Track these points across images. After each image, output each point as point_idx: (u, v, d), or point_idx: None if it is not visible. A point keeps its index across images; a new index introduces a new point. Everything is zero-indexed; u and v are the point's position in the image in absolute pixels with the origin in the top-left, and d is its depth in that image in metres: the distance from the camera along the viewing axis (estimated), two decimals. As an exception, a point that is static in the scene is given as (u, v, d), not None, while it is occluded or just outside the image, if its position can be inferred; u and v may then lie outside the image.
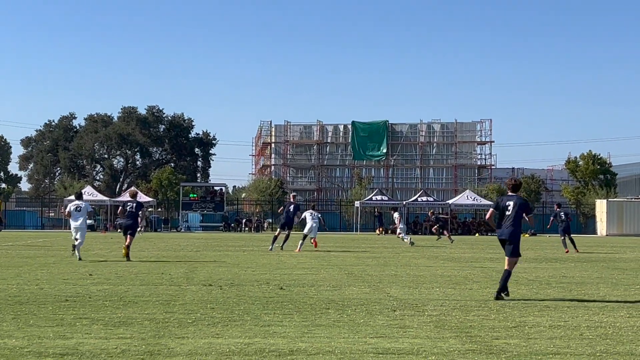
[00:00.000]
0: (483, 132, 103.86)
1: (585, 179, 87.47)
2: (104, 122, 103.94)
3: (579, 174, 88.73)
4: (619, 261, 28.98)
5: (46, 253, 30.89)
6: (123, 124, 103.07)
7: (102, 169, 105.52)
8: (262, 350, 9.34)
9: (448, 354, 9.25)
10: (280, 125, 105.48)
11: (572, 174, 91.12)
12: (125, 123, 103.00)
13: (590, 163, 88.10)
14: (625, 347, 9.86)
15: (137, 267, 23.02)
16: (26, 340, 9.90)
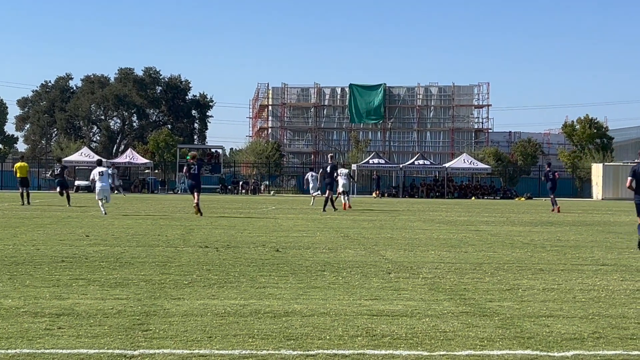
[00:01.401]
0: (480, 96, 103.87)
1: (582, 143, 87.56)
2: (101, 83, 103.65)
3: (575, 138, 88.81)
4: (614, 225, 29.06)
5: (42, 214, 30.92)
6: (120, 85, 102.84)
7: (99, 130, 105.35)
8: (258, 312, 9.38)
9: (442, 316, 9.30)
10: (278, 88, 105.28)
11: (568, 138, 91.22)
12: (122, 84, 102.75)
13: (587, 127, 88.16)
14: (618, 310, 9.93)
15: (134, 229, 23.06)
16: (22, 301, 9.95)
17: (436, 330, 8.45)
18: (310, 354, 7.29)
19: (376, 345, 7.70)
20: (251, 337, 7.97)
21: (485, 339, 8.09)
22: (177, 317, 8.95)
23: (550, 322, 9.03)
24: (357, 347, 7.64)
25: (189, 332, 8.14)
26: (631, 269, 14.46)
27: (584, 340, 8.09)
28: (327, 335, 8.11)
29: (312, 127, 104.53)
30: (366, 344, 7.77)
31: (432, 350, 7.52)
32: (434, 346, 7.71)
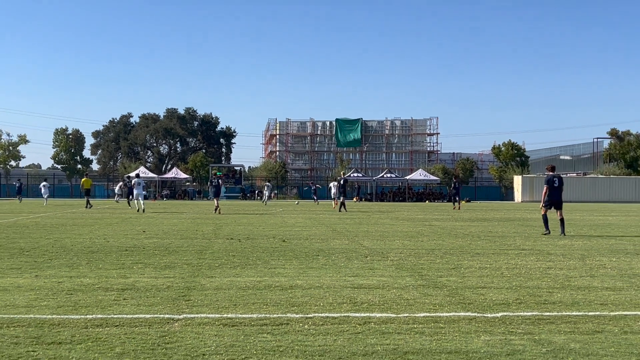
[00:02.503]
0: (431, 127, 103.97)
1: (506, 160, 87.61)
2: (153, 119, 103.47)
3: (501, 157, 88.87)
4: (530, 220, 29.08)
5: (111, 216, 30.87)
6: (167, 120, 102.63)
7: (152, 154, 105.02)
8: (270, 286, 9.40)
9: (405, 288, 9.32)
10: (283, 122, 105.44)
11: (496, 157, 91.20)
12: (169, 120, 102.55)
13: (509, 149, 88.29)
14: (534, 282, 9.95)
15: (178, 226, 23.04)
16: (96, 279, 9.95)
17: (401, 298, 8.46)
18: (308, 317, 7.29)
19: (357, 310, 7.71)
20: (265, 305, 7.98)
21: (437, 304, 8.10)
22: (210, 291, 8.96)
23: (485, 291, 9.06)
24: (343, 311, 7.65)
25: (219, 301, 8.15)
26: (543, 253, 14.49)
27: (510, 304, 8.11)
28: (321, 303, 8.12)
29: (308, 150, 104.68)
30: (350, 309, 7.79)
31: (398, 313, 7.53)
32: (399, 310, 7.72)
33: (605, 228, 23.79)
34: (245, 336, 6.39)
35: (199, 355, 5.70)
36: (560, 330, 6.75)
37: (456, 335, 6.48)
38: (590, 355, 5.79)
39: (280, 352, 5.81)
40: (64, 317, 7.21)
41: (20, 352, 5.78)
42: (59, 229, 21.36)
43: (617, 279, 10.45)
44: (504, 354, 5.80)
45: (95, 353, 5.76)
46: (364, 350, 5.91)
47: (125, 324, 6.88)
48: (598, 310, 7.77)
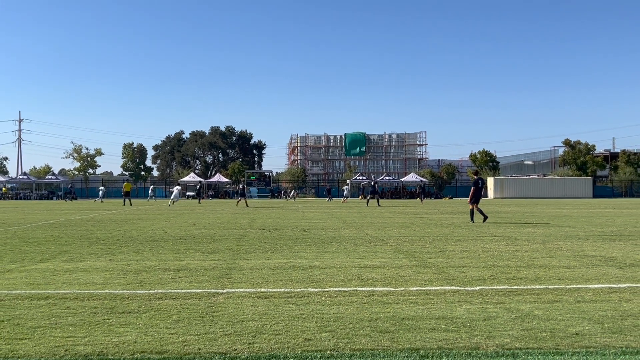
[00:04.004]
0: (421, 138, 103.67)
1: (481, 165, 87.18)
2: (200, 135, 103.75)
3: (477, 162, 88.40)
4: (500, 213, 28.91)
5: (168, 212, 31.00)
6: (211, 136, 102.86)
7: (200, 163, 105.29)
8: (294, 266, 9.39)
9: (401, 267, 9.29)
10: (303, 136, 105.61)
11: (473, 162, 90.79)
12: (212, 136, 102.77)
13: (484, 156, 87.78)
14: (504, 262, 9.89)
15: (221, 220, 23.09)
16: (157, 262, 9.99)
17: (398, 276, 8.43)
18: (325, 290, 7.28)
19: (364, 285, 7.69)
20: (290, 281, 7.98)
21: (427, 280, 8.07)
22: (247, 270, 8.97)
23: (465, 270, 9.01)
24: (352, 286, 7.63)
25: (254, 279, 8.15)
26: (512, 238, 14.40)
27: (485, 280, 8.06)
28: (335, 279, 8.11)
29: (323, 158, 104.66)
30: (357, 284, 7.77)
31: (396, 287, 7.51)
32: (397, 284, 7.70)
33: (561, 219, 23.60)
34: (275, 306, 6.39)
35: (238, 321, 5.71)
36: (526, 300, 6.70)
37: (443, 305, 6.44)
38: (550, 320, 5.74)
39: (303, 319, 5.81)
40: (132, 292, 7.24)
41: (98, 319, 5.82)
42: (127, 222, 21.47)
43: (571, 259, 10.37)
44: (481, 319, 5.77)
45: (157, 320, 5.78)
46: (369, 317, 5.89)
47: (180, 297, 6.90)
48: (556, 284, 7.71)
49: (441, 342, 4.99)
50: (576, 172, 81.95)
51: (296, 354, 4.68)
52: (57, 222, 21.52)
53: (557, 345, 4.90)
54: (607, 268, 9.18)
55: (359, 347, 4.83)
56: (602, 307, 6.29)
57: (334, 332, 5.31)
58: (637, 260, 10.07)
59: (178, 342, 4.99)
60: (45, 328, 5.49)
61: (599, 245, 12.59)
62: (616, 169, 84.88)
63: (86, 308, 6.33)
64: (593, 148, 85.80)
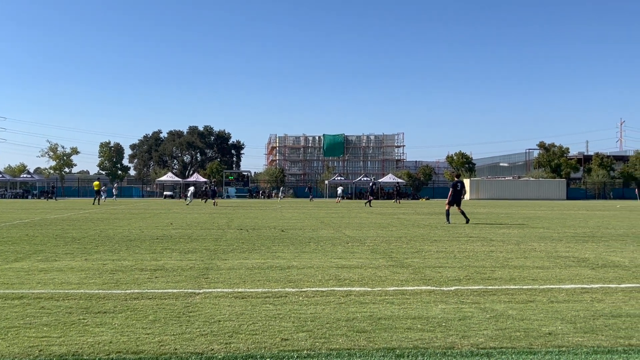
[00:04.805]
0: (399, 140, 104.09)
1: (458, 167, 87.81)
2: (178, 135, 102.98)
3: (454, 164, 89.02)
4: (476, 214, 29.17)
5: (145, 212, 30.74)
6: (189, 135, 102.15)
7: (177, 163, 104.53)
8: (271, 266, 9.37)
9: (378, 267, 9.32)
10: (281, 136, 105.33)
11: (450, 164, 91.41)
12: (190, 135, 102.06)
13: (460, 158, 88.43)
14: (480, 263, 9.98)
15: (198, 219, 22.96)
16: (134, 261, 9.90)
17: (375, 276, 8.46)
18: (302, 290, 7.28)
19: (341, 285, 7.71)
20: (268, 281, 7.96)
21: (403, 280, 8.11)
22: (224, 270, 8.93)
23: (441, 270, 9.07)
24: (330, 286, 7.64)
25: (231, 279, 8.12)
26: (487, 239, 14.54)
27: (461, 280, 8.13)
28: (312, 279, 8.11)
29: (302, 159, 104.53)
30: (335, 284, 7.78)
31: (373, 287, 7.53)
32: (374, 284, 7.72)
33: (535, 220, 23.89)
34: (252, 306, 6.37)
35: (215, 321, 5.68)
36: (500, 300, 6.77)
37: (419, 305, 6.48)
38: (524, 320, 5.81)
39: (280, 319, 5.80)
40: (108, 291, 7.17)
41: (73, 319, 5.75)
42: (103, 222, 21.24)
43: (545, 259, 10.50)
44: (456, 319, 5.81)
45: (133, 320, 5.73)
46: (346, 316, 5.91)
47: (156, 297, 6.84)
48: (530, 285, 7.80)
49: (417, 341, 5.02)
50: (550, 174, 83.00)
51: (273, 354, 4.67)
52: (32, 221, 21.21)
53: (530, 345, 4.95)
54: (580, 269, 9.31)
55: (335, 347, 4.84)
56: (575, 307, 6.38)
57: (310, 332, 5.30)
58: (609, 261, 10.23)
59: (154, 342, 4.95)
60: (19, 328, 5.41)
61: (572, 247, 12.76)
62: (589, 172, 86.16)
63: (61, 308, 6.24)
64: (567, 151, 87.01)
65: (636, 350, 4.82)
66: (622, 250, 12.13)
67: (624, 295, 7.10)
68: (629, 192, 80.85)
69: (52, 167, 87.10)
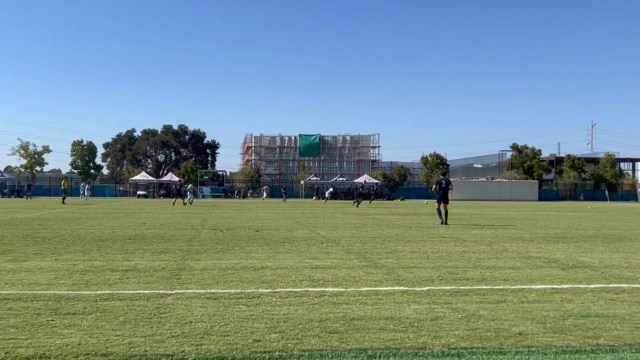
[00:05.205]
0: (374, 141, 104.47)
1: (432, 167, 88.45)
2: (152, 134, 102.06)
3: (428, 165, 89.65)
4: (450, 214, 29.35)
5: (117, 211, 30.39)
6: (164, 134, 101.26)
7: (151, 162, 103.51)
8: (245, 267, 9.32)
9: (352, 268, 9.33)
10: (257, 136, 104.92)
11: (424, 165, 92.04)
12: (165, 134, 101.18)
13: (434, 158, 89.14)
14: (452, 263, 10.04)
15: (172, 219, 22.77)
16: (105, 262, 9.77)
17: (349, 276, 8.46)
18: (276, 291, 7.25)
19: (314, 285, 7.70)
20: (241, 282, 7.91)
21: (377, 280, 8.13)
22: (197, 271, 8.85)
23: (414, 270, 9.11)
24: (303, 286, 7.62)
25: (204, 279, 8.06)
26: (460, 239, 14.66)
27: (433, 280, 8.17)
28: (286, 280, 8.08)
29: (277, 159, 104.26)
30: (309, 284, 7.76)
31: (347, 287, 7.53)
32: (348, 285, 7.73)
33: (507, 220, 24.17)
34: (224, 307, 6.32)
35: (187, 322, 5.62)
36: (472, 300, 6.82)
37: (392, 305, 6.50)
38: (495, 320, 5.86)
39: (252, 319, 5.77)
40: (78, 292, 7.06)
41: (41, 321, 5.64)
42: (74, 221, 20.94)
43: (516, 260, 10.62)
44: (428, 319, 5.84)
45: (103, 321, 5.64)
46: (319, 317, 5.89)
47: (127, 298, 6.76)
48: (502, 285, 7.87)
49: (389, 342, 5.02)
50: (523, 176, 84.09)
51: (244, 355, 4.64)
52: (1, 221, 20.82)
53: (500, 345, 4.99)
54: (551, 269, 9.43)
55: (307, 348, 4.82)
56: (545, 307, 6.45)
57: (283, 332, 5.28)
58: (579, 262, 10.38)
59: (124, 344, 4.88)
60: (-15, 330, 5.30)
61: (543, 247, 12.92)
62: (561, 173, 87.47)
63: (29, 309, 6.13)
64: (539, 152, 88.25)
65: (604, 350, 4.89)
66: (592, 251, 12.33)
67: (593, 295, 7.20)
68: (599, 194, 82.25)
69: (23, 165, 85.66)
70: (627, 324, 5.77)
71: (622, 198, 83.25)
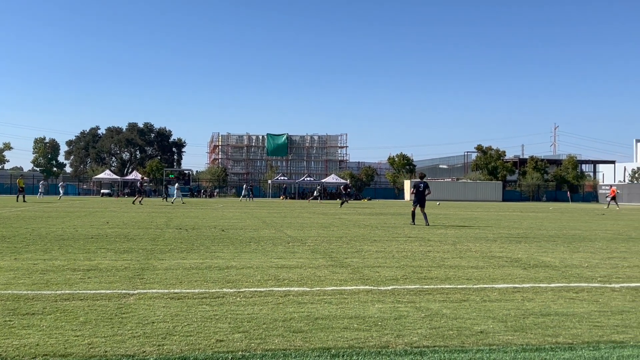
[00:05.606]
0: (342, 141, 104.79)
1: (399, 168, 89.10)
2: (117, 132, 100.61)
3: (395, 166, 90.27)
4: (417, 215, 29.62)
5: (80, 210, 29.86)
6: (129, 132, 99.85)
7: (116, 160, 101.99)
8: (210, 267, 9.25)
9: (318, 267, 9.34)
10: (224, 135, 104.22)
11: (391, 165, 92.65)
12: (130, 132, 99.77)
13: (401, 159, 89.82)
14: (417, 262, 10.13)
15: (136, 218, 22.48)
16: (66, 261, 9.59)
17: (315, 276, 8.47)
18: (240, 291, 7.21)
19: (280, 285, 7.68)
20: (205, 282, 7.85)
21: (342, 280, 8.15)
22: (160, 271, 8.75)
23: (379, 270, 9.16)
24: (268, 286, 7.60)
25: (168, 279, 7.97)
26: (425, 239, 14.80)
27: (398, 279, 8.23)
28: (251, 280, 8.05)
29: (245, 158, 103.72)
30: (274, 284, 7.74)
31: (312, 287, 7.53)
32: (313, 285, 7.73)
33: (472, 221, 24.49)
34: (188, 307, 6.26)
35: (149, 323, 5.55)
36: (435, 299, 6.88)
37: (356, 304, 6.52)
38: (457, 319, 5.92)
39: (216, 319, 5.72)
40: (37, 292, 6.91)
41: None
42: (35, 220, 20.51)
43: (479, 259, 10.76)
44: (392, 318, 5.87)
45: (63, 322, 5.53)
46: (283, 317, 5.88)
47: (88, 298, 6.64)
48: (465, 284, 7.97)
49: (352, 341, 5.04)
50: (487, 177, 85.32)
51: (207, 355, 4.59)
52: (-42, 219, 20.26)
53: (462, 343, 5.05)
54: (512, 269, 9.58)
55: (271, 348, 4.80)
56: (506, 306, 6.55)
57: (247, 332, 5.25)
58: (540, 262, 10.57)
59: (83, 345, 4.80)
60: (-62, 331, 5.14)
61: (505, 247, 13.13)
62: (524, 174, 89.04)
63: (-15, 310, 5.97)
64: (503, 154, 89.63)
65: (562, 348, 4.98)
66: (553, 250, 12.57)
67: (554, 294, 7.34)
68: (561, 195, 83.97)
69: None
70: (586, 322, 5.89)
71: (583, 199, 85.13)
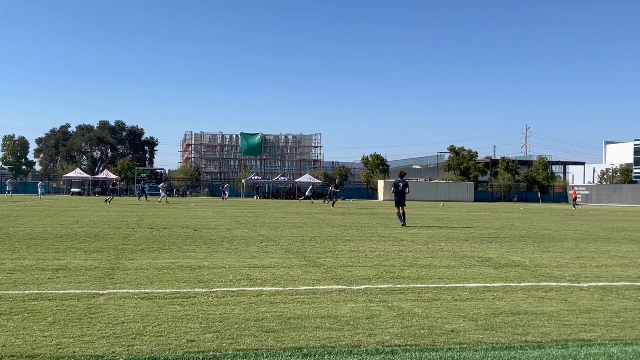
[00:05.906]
0: (316, 140, 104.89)
1: (372, 168, 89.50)
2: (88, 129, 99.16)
3: (369, 166, 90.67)
4: (388, 214, 29.77)
5: (50, 208, 29.36)
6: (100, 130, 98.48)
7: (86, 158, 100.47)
8: (182, 266, 9.18)
9: (291, 267, 9.32)
10: (197, 134, 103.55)
11: (365, 165, 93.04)
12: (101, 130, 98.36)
13: (375, 159, 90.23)
14: (390, 262, 10.17)
15: (107, 217, 22.19)
16: (34, 261, 9.42)
17: (287, 275, 8.45)
18: (212, 291, 7.17)
19: (252, 285, 7.65)
20: (177, 281, 7.78)
21: (315, 279, 8.14)
22: (131, 270, 8.65)
23: (352, 269, 9.18)
24: (241, 286, 7.56)
25: (138, 279, 7.88)
26: (398, 239, 14.87)
27: (370, 279, 8.26)
28: (223, 280, 8.00)
29: (218, 157, 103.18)
30: (246, 284, 7.71)
31: (284, 287, 7.52)
32: (286, 284, 7.71)
33: (444, 220, 24.70)
34: (158, 307, 6.20)
35: (118, 323, 5.48)
36: (407, 298, 6.92)
37: (329, 304, 6.52)
38: (429, 317, 5.96)
39: (187, 319, 5.67)
40: (4, 292, 6.77)
41: (-38, 323, 5.38)
42: (3, 219, 20.11)
43: (451, 259, 10.86)
44: (364, 317, 5.89)
45: (30, 322, 5.43)
46: (255, 316, 5.86)
47: (57, 298, 6.53)
48: (436, 283, 8.03)
49: (324, 340, 5.04)
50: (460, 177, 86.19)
51: (177, 355, 4.55)
52: None
53: (433, 342, 5.08)
54: (483, 268, 9.69)
55: (242, 347, 4.78)
56: (477, 305, 6.62)
57: (218, 332, 5.22)
58: (510, 261, 10.71)
59: (52, 345, 4.71)
60: None
61: (477, 247, 13.27)
62: (496, 175, 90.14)
63: (-50, 310, 5.83)
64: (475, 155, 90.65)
65: (532, 346, 5.05)
66: (523, 250, 12.74)
67: (523, 293, 7.44)
68: (531, 195, 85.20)
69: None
70: (555, 321, 5.98)
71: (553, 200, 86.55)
